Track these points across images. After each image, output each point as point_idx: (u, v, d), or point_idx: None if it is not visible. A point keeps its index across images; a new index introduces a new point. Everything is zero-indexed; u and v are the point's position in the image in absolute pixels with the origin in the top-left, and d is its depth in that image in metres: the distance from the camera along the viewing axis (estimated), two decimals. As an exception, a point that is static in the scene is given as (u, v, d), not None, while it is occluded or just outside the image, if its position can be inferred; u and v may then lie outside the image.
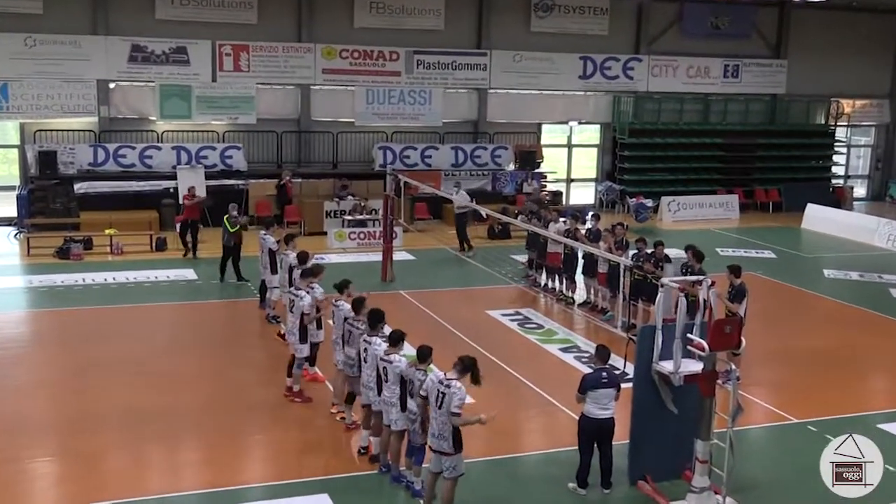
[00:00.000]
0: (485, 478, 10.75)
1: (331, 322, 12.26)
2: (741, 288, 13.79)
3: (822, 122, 35.48)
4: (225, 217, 19.77)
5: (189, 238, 22.41)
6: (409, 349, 10.42)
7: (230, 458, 11.30)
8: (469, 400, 9.30)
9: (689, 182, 32.10)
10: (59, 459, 11.24)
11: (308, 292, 12.80)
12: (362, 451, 11.21)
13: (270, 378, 13.58)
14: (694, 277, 11.69)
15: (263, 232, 16.66)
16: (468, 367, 9.43)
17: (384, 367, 10.24)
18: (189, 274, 20.83)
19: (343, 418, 12.12)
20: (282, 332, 15.15)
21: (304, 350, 12.96)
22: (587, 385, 10.25)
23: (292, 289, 13.27)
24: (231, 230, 19.41)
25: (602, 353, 10.54)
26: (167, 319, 17.70)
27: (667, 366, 10.15)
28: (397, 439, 10.35)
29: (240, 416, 12.59)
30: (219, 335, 16.61)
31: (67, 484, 10.60)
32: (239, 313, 17.89)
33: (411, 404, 9.90)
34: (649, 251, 16.53)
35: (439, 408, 9.35)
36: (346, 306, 11.83)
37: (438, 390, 9.37)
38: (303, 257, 14.26)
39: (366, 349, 10.73)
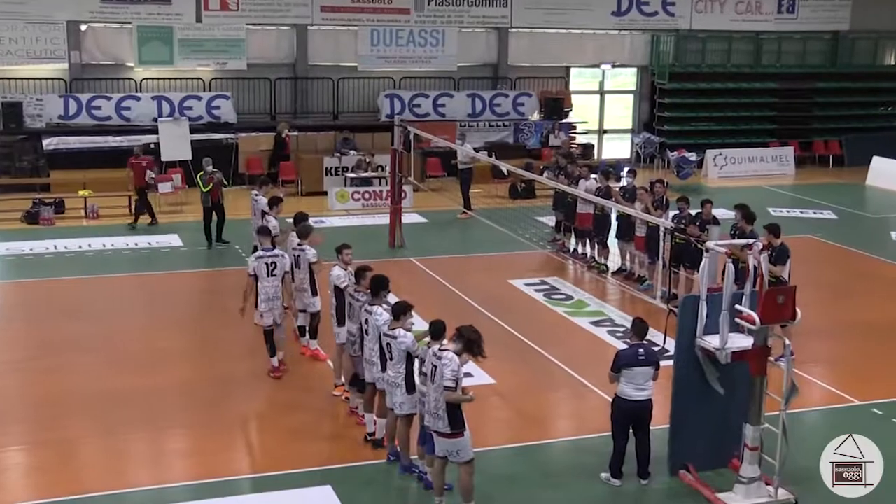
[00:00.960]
0: (509, 467, 10.80)
1: (329, 292, 12.28)
2: (783, 249, 13.87)
3: (892, 62, 35.08)
4: (198, 175, 19.72)
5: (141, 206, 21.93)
6: (421, 324, 10.39)
7: (220, 445, 11.37)
8: (488, 380, 9.28)
9: (737, 133, 31.87)
10: (29, 448, 11.31)
11: (300, 255, 12.85)
12: (368, 436, 11.25)
13: (263, 356, 13.61)
14: (743, 241, 11.62)
15: (255, 192, 16.63)
16: (468, 340, 9.37)
17: (388, 344, 10.25)
18: (174, 240, 20.89)
19: (347, 398, 12.17)
20: None
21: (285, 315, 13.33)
22: (622, 363, 10.25)
23: (260, 251, 13.24)
24: (204, 189, 19.37)
25: (639, 328, 10.52)
26: (149, 291, 17.77)
27: (712, 341, 10.10)
28: (404, 425, 10.35)
29: (229, 399, 12.67)
30: (205, 308, 16.71)
31: (40, 475, 10.67)
32: (228, 283, 17.84)
33: (421, 386, 9.90)
34: (693, 212, 16.44)
35: (433, 381, 9.38)
36: (337, 271, 11.87)
37: (432, 362, 9.41)
38: (300, 218, 14.28)
39: (366, 320, 10.74)
